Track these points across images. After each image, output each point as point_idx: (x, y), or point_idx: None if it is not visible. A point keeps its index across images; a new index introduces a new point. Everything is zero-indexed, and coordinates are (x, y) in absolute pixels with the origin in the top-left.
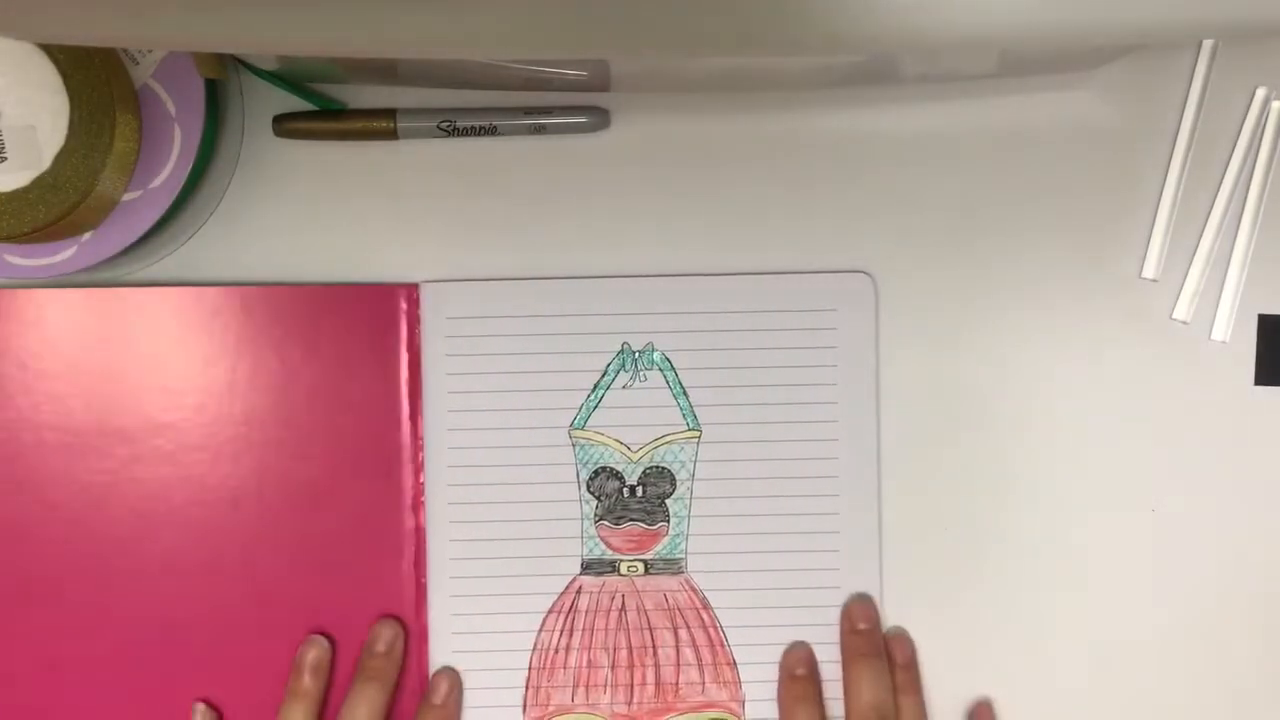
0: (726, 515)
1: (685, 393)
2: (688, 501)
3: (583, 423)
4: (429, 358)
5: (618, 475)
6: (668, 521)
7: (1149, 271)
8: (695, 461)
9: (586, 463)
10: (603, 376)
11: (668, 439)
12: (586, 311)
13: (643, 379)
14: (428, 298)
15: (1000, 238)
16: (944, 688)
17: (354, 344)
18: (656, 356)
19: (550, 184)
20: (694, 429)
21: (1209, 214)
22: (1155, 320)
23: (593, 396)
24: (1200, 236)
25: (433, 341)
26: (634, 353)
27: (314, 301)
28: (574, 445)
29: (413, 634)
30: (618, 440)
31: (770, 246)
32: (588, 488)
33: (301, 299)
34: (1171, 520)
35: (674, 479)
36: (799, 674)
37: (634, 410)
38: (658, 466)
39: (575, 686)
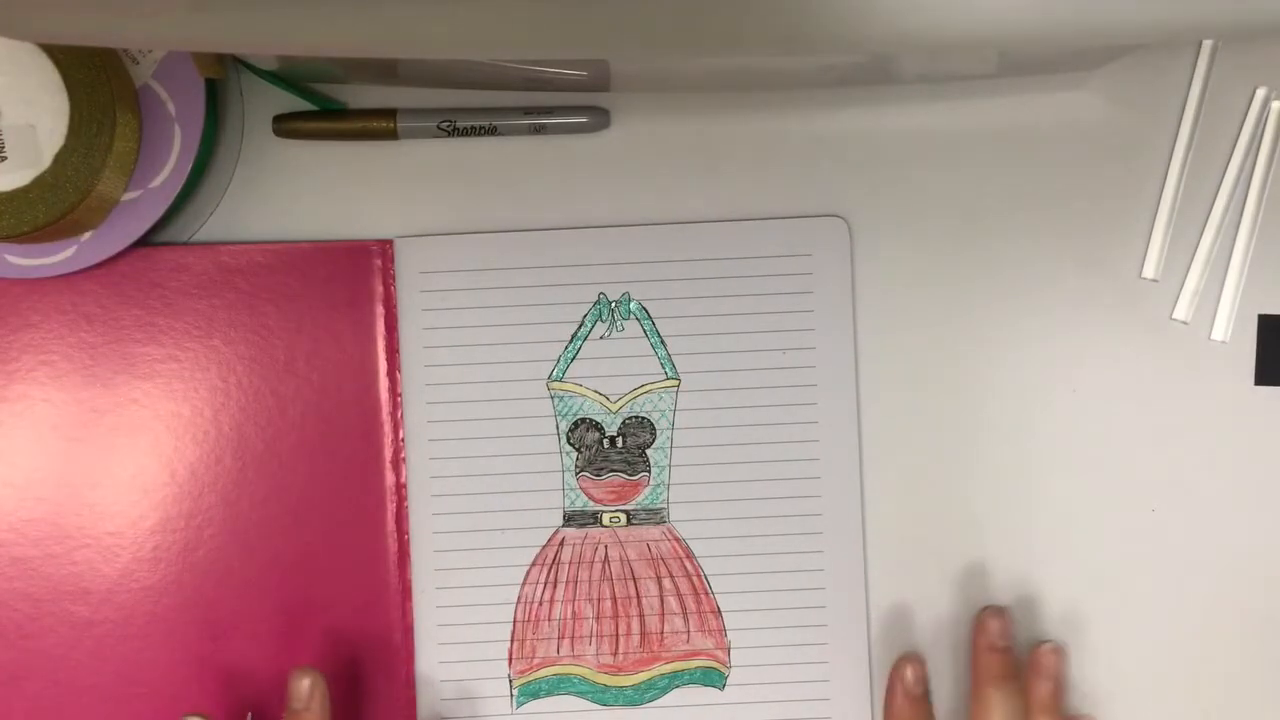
0: (707, 464)
1: (663, 342)
2: (668, 451)
3: (561, 374)
4: (405, 314)
5: (597, 426)
6: (649, 471)
7: (1149, 271)
8: (675, 410)
9: (566, 414)
10: (579, 327)
11: (647, 389)
12: (561, 263)
13: (620, 329)
14: (402, 253)
15: (999, 238)
16: (939, 686)
17: (329, 302)
18: (633, 306)
19: (550, 184)
20: (673, 378)
21: (1209, 214)
22: (1155, 320)
23: (570, 348)
24: (1200, 236)
25: (408, 297)
26: (610, 303)
27: (287, 259)
28: (553, 397)
29: (396, 591)
30: (596, 391)
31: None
32: (568, 440)
33: (274, 257)
34: (1171, 520)
35: (654, 429)
36: (916, 694)
37: (612, 360)
38: (637, 416)
39: (560, 639)
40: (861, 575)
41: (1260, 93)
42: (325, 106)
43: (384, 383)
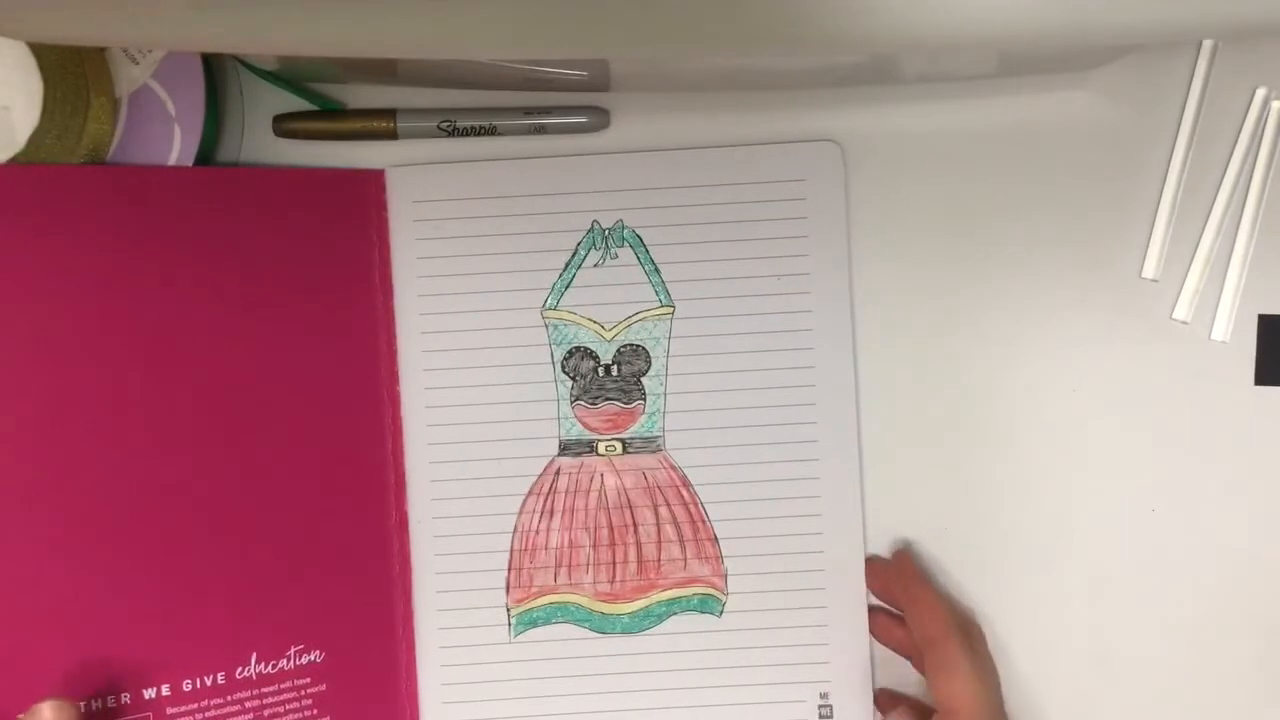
0: (702, 391)
1: (657, 269)
2: (663, 379)
3: (555, 303)
4: (398, 244)
5: (592, 355)
6: (644, 399)
7: (1149, 271)
8: (669, 338)
9: (560, 343)
10: (573, 255)
11: (641, 316)
12: (554, 190)
13: (613, 256)
14: (394, 183)
15: (1000, 237)
16: None
17: (321, 231)
18: (627, 233)
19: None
20: (667, 305)
21: (1209, 214)
22: (1155, 320)
23: (564, 276)
24: (1200, 236)
25: (400, 227)
26: (604, 230)
27: (278, 186)
28: (547, 326)
29: (392, 521)
30: (591, 319)
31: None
32: (562, 368)
33: (265, 183)
34: (1171, 520)
35: (649, 356)
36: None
37: (606, 289)
38: (632, 344)
39: (557, 567)
40: (858, 500)
41: (1260, 93)
42: (325, 106)
43: (378, 313)
